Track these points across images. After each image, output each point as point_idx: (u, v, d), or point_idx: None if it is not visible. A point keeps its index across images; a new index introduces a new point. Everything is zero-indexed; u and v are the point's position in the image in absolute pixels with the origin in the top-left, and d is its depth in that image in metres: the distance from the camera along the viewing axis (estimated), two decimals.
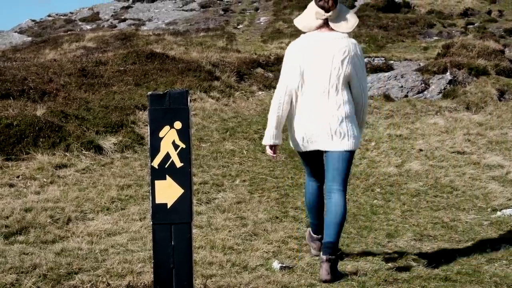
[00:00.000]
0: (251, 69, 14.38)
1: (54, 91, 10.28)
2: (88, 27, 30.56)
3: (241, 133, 9.71)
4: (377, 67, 15.04)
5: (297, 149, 4.86)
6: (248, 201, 6.81)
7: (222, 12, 30.74)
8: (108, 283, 4.32)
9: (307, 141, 4.69)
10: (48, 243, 5.30)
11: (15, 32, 30.89)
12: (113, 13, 33.40)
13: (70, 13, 35.51)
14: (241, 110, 11.31)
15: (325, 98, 4.62)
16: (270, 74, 13.98)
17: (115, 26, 29.45)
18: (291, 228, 5.96)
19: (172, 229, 3.51)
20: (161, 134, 3.52)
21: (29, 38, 27.50)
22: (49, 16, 35.28)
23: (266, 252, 5.16)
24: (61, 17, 34.64)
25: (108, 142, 8.40)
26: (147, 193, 6.54)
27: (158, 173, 3.51)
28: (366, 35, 21.82)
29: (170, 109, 3.52)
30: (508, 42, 20.89)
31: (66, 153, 7.92)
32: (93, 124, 8.86)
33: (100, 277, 4.41)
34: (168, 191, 3.51)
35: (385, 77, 13.36)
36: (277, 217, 6.30)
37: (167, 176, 3.51)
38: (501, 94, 12.27)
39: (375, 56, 16.93)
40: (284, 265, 4.80)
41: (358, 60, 4.67)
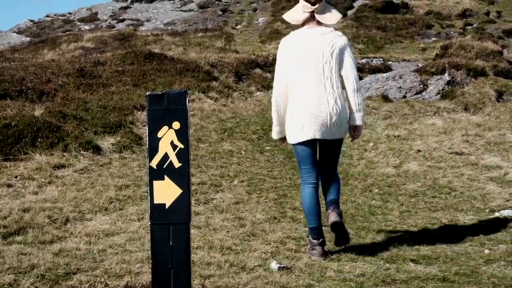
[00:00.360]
0: (250, 70, 14.39)
1: (52, 91, 10.27)
2: (87, 27, 30.55)
3: (239, 133, 9.71)
4: (375, 68, 15.06)
5: (295, 140, 5.10)
6: (246, 202, 6.81)
7: (221, 13, 30.74)
8: (106, 283, 4.32)
9: (305, 131, 5.01)
10: (46, 243, 5.30)
11: (14, 32, 30.87)
12: (111, 14, 33.38)
13: (69, 13, 35.49)
14: (239, 110, 11.31)
15: (322, 90, 4.99)
16: (268, 75, 13.98)
17: (114, 27, 29.44)
18: (289, 228, 5.95)
19: (170, 230, 3.51)
20: (159, 134, 3.52)
21: (28, 39, 27.49)
22: (47, 16, 35.26)
23: (264, 253, 5.15)
24: (60, 17, 34.62)
25: (106, 142, 8.40)
26: (145, 194, 6.53)
27: (156, 173, 3.51)
28: (365, 35, 21.84)
29: (168, 109, 3.52)
30: (506, 43, 20.93)
31: (64, 153, 7.92)
32: (91, 125, 8.86)
33: (98, 278, 4.40)
34: (167, 192, 3.51)
35: (383, 77, 13.37)
36: (275, 218, 6.30)
37: (166, 176, 3.51)
38: (499, 95, 12.27)
39: (374, 57, 16.96)
40: (282, 265, 4.79)
41: (346, 50, 5.06)
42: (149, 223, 3.55)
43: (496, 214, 6.61)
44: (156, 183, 3.51)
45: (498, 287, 4.46)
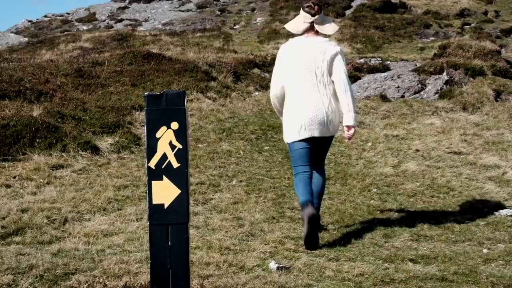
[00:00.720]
0: (248, 70, 14.39)
1: (51, 92, 10.26)
2: (85, 27, 30.52)
3: (238, 133, 9.71)
4: (373, 68, 15.05)
5: (294, 139, 5.54)
6: (245, 202, 6.81)
7: (219, 13, 30.71)
8: (105, 283, 4.32)
9: (304, 129, 5.47)
10: (44, 243, 5.30)
11: (12, 32, 30.82)
12: (109, 14, 33.34)
13: (67, 13, 35.43)
14: (238, 110, 11.31)
15: (316, 93, 5.49)
16: (267, 75, 13.97)
17: (112, 27, 29.40)
18: (288, 228, 5.96)
19: (169, 230, 3.51)
20: (158, 134, 3.52)
21: (26, 39, 27.46)
22: (45, 16, 35.20)
23: (263, 253, 5.16)
24: (58, 17, 34.55)
25: (104, 142, 8.39)
26: (144, 194, 6.53)
27: (155, 174, 3.51)
28: (363, 35, 21.82)
29: (167, 109, 3.52)
30: (504, 43, 20.93)
31: (63, 154, 7.91)
32: (90, 125, 8.85)
33: (97, 278, 4.40)
34: (165, 192, 3.51)
35: (381, 77, 13.36)
36: (273, 218, 6.30)
37: (164, 176, 3.51)
38: (498, 95, 12.26)
39: (372, 57, 16.95)
40: (281, 265, 4.80)
41: (337, 57, 5.50)
42: (148, 223, 3.55)
43: (495, 214, 6.62)
44: (154, 183, 3.51)
45: (497, 286, 4.46)
